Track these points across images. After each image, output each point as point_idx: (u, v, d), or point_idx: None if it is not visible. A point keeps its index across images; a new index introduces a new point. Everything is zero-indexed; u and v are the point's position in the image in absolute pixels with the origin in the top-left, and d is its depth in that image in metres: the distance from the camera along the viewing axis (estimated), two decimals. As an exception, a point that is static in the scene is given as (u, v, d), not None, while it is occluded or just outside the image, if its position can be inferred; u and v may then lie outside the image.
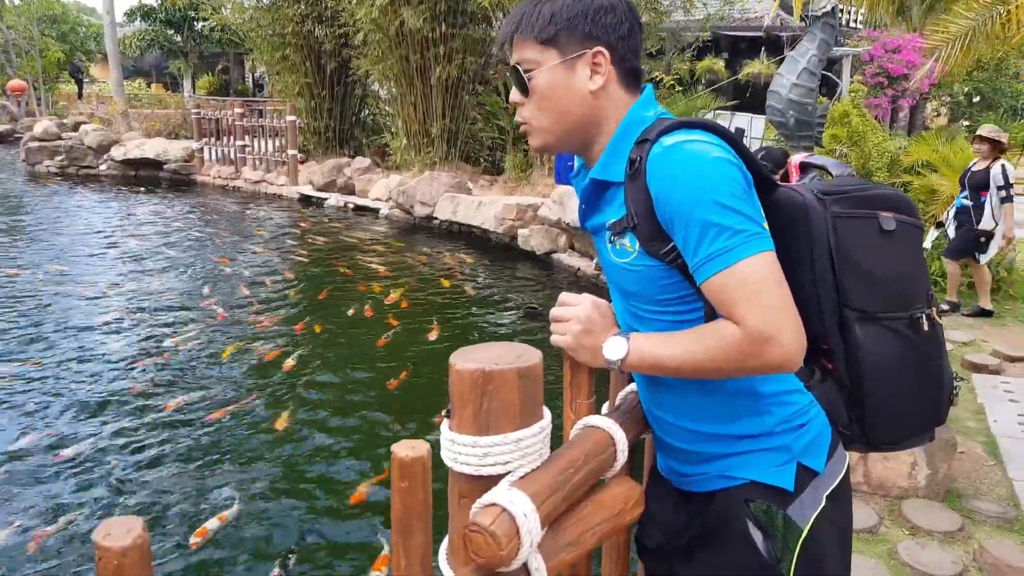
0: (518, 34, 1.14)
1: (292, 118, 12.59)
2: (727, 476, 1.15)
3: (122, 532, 0.65)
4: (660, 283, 1.10)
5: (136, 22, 28.19)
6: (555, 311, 1.19)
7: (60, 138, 14.81)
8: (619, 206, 1.13)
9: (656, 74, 11.59)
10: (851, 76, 14.77)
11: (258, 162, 13.45)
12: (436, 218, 9.52)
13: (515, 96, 1.18)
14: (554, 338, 1.18)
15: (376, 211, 10.75)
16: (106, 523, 0.67)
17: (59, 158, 14.57)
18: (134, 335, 5.33)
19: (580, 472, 1.04)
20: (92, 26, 30.90)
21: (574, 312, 1.16)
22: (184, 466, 3.57)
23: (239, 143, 13.55)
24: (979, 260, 5.60)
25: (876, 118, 12.87)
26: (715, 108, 12.73)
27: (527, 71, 1.14)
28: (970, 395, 4.19)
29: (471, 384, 0.92)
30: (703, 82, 14.80)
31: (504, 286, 6.98)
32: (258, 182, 13.05)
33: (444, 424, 0.98)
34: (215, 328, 5.51)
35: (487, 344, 1.01)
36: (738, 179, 1.04)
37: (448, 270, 7.53)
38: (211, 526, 3.03)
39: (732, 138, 1.08)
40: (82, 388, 4.43)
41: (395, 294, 6.51)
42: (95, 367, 4.75)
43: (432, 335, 5.46)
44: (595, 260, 7.19)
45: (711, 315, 1.07)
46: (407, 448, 0.89)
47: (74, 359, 4.87)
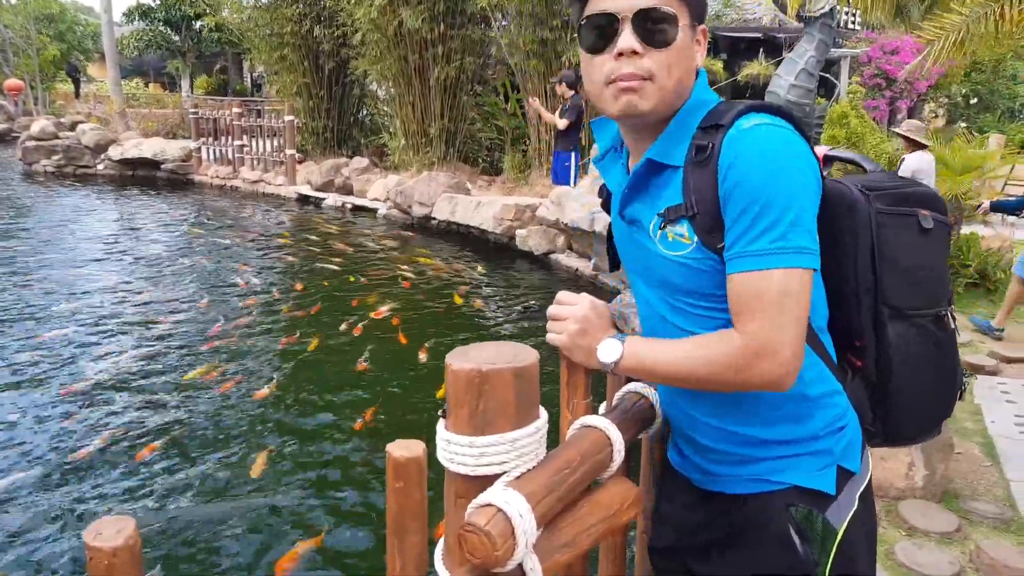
0: None
1: (290, 118, 12.58)
2: (765, 480, 1.13)
3: (113, 532, 0.65)
4: (717, 278, 1.05)
5: (134, 21, 28.15)
6: (552, 309, 1.18)
7: (57, 137, 14.78)
8: (674, 193, 1.07)
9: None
10: (849, 77, 14.81)
11: (256, 162, 13.44)
12: (434, 218, 9.51)
13: (632, 43, 1.02)
14: (550, 336, 1.17)
15: (374, 211, 10.74)
16: (97, 523, 0.66)
17: (56, 157, 14.54)
18: (117, 341, 5.24)
19: (576, 472, 1.03)
20: (90, 25, 30.88)
21: (570, 311, 1.15)
22: (178, 465, 3.56)
23: (237, 143, 13.54)
24: None
25: (874, 119, 12.89)
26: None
27: (666, 19, 1.02)
28: (967, 396, 4.19)
29: (467, 384, 0.92)
30: (702, 83, 14.78)
31: (502, 286, 6.98)
32: (256, 182, 13.03)
33: (440, 424, 0.97)
34: (206, 337, 5.45)
35: (483, 343, 1.00)
36: (817, 176, 1.02)
37: (445, 270, 7.52)
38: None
39: (802, 129, 1.05)
40: (63, 392, 4.34)
41: (389, 303, 6.49)
42: (84, 370, 4.69)
43: (427, 342, 5.44)
44: (593, 261, 7.19)
45: None
46: (402, 448, 0.88)
47: (57, 361, 4.80)
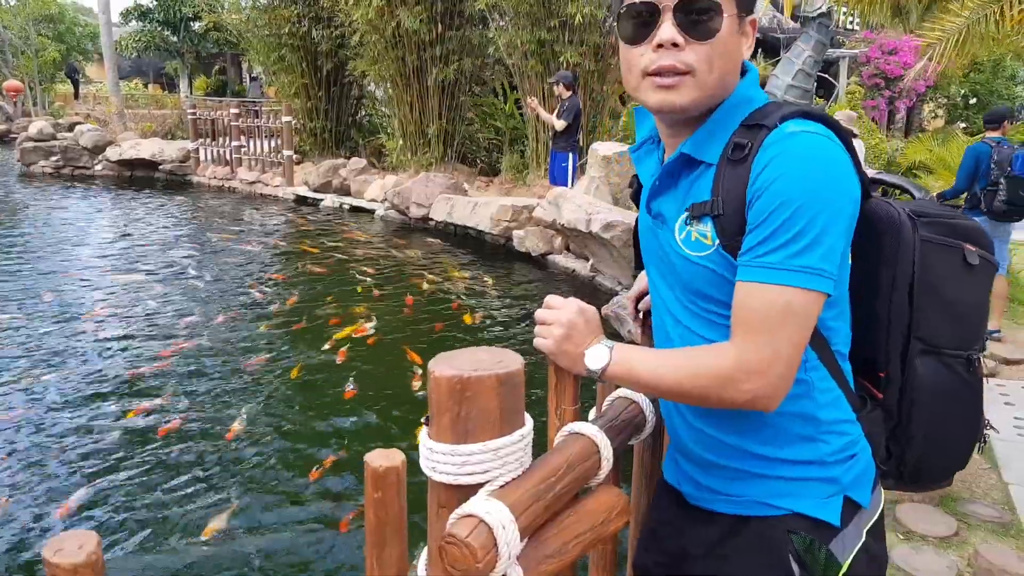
0: None
1: (288, 119, 12.56)
2: (767, 504, 1.09)
3: (74, 548, 0.62)
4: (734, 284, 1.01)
5: (132, 22, 28.14)
6: (539, 313, 1.16)
7: (55, 138, 14.76)
8: (704, 190, 1.03)
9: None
10: (848, 78, 14.81)
11: (254, 163, 13.42)
12: (432, 219, 9.49)
13: (673, 35, 0.98)
14: (537, 341, 1.14)
15: (372, 212, 10.72)
16: (57, 538, 0.64)
17: (54, 158, 14.52)
18: (110, 346, 5.15)
19: (562, 481, 1.01)
20: (89, 26, 30.81)
21: (556, 316, 1.11)
22: (156, 475, 3.47)
23: (235, 144, 13.52)
24: None
25: (873, 120, 12.89)
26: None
27: (710, 10, 0.97)
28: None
29: (448, 391, 0.90)
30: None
31: (500, 287, 6.96)
32: (253, 183, 13.01)
33: (423, 431, 0.95)
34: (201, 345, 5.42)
35: (469, 349, 0.98)
36: (855, 199, 0.97)
37: (443, 271, 7.50)
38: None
39: (848, 141, 1.00)
40: (47, 398, 4.26)
41: (383, 304, 6.47)
42: (74, 372, 4.63)
43: (423, 344, 5.42)
44: (590, 262, 7.17)
45: None
46: (381, 457, 0.86)
47: (45, 368, 4.71)
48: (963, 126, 16.42)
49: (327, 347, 5.11)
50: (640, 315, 1.49)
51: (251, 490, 3.38)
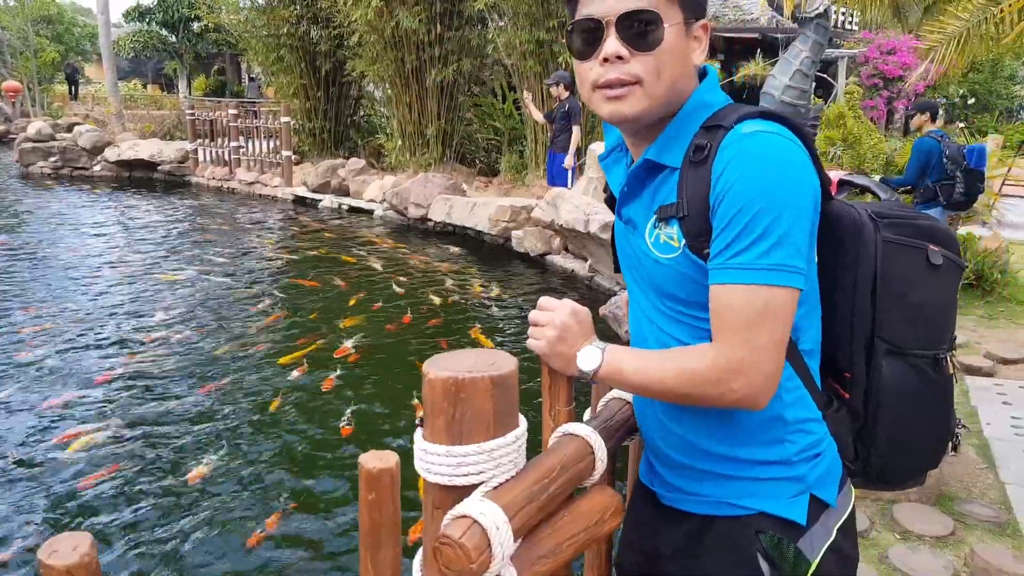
0: None
1: (286, 119, 12.55)
2: (733, 504, 1.10)
3: (68, 549, 0.63)
4: (704, 285, 1.02)
5: (132, 23, 28.13)
6: (532, 315, 1.16)
7: (54, 139, 14.76)
8: (670, 193, 1.05)
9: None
10: (847, 78, 14.80)
11: (252, 163, 13.42)
12: (430, 219, 9.50)
13: (617, 48, 1.01)
14: (530, 342, 1.15)
15: (370, 212, 10.72)
16: (52, 540, 0.64)
17: (53, 159, 14.51)
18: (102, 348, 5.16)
19: (556, 482, 1.02)
20: (88, 27, 30.81)
21: (549, 317, 1.12)
22: (156, 483, 3.48)
23: (233, 144, 13.52)
24: None
25: (871, 120, 12.88)
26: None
27: (651, 21, 1.00)
28: (963, 398, 4.18)
29: (443, 392, 0.90)
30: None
31: (499, 287, 6.96)
32: (252, 183, 13.01)
33: (418, 433, 0.96)
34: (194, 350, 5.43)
35: (463, 351, 0.99)
36: (816, 196, 0.98)
37: (440, 271, 7.50)
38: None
39: (808, 141, 1.02)
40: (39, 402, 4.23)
41: (378, 304, 6.47)
42: (67, 376, 4.61)
43: (419, 345, 5.43)
44: (589, 263, 7.17)
45: None
46: (375, 459, 0.87)
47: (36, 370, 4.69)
48: (962, 126, 16.43)
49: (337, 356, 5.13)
50: None
51: (251, 490, 3.38)
